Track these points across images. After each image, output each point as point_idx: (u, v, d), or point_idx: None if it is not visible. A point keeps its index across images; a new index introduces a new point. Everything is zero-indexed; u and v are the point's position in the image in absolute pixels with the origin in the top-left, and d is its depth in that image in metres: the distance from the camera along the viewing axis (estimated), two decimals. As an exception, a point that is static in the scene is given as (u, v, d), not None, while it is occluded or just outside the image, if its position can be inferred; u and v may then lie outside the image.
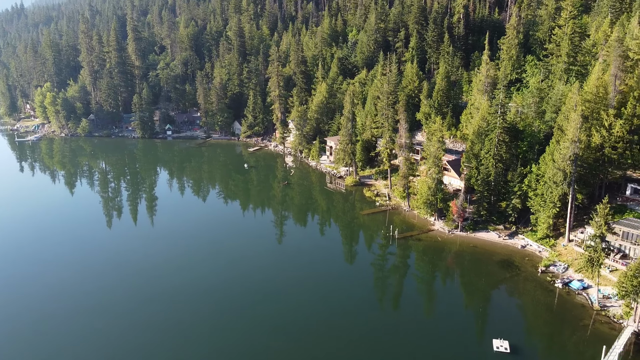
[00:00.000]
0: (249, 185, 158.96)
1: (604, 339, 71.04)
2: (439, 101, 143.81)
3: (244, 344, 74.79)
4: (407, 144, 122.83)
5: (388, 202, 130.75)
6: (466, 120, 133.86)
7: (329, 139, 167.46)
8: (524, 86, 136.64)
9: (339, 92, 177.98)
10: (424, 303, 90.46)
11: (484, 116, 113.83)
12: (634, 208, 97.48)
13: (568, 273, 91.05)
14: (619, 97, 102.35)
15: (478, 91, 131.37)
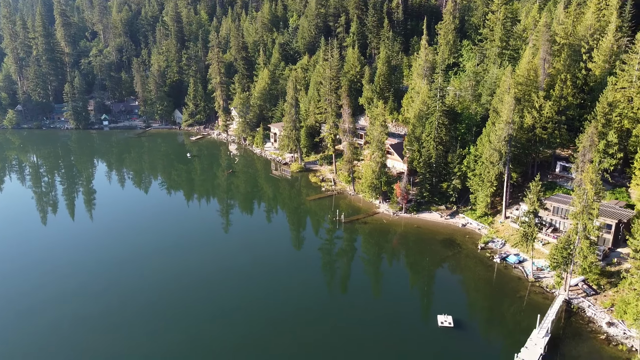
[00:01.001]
0: (193, 174, 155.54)
1: (538, 308, 75.42)
2: (381, 86, 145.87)
3: (193, 336, 73.66)
4: (351, 129, 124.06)
5: (334, 187, 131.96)
6: (407, 104, 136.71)
7: (273, 126, 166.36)
8: (461, 70, 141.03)
9: (282, 78, 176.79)
10: (371, 284, 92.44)
11: (424, 100, 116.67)
12: (563, 184, 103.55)
13: (505, 248, 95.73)
14: (547, 80, 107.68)
15: (418, 75, 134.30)
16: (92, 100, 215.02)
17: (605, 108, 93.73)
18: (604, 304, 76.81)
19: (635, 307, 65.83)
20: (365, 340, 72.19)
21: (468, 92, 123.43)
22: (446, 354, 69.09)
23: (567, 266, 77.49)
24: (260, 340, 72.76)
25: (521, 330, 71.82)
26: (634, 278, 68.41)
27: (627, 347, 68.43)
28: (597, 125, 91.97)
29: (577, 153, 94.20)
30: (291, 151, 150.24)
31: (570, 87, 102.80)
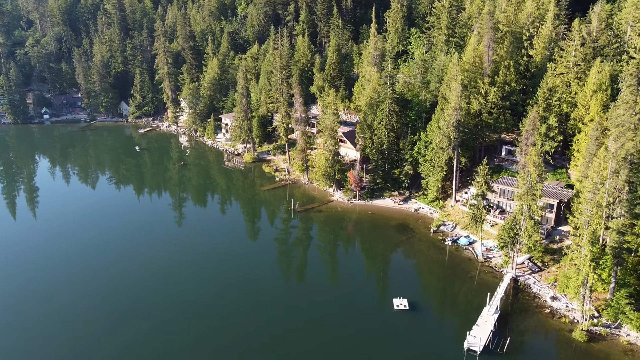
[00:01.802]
0: (143, 168, 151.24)
1: (488, 287, 78.48)
2: (332, 74, 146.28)
3: (148, 331, 72.13)
4: (303, 118, 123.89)
5: (287, 176, 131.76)
6: (358, 92, 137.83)
7: (224, 116, 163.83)
8: (410, 58, 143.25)
9: (232, 67, 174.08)
10: (328, 272, 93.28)
11: (375, 88, 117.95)
12: (509, 167, 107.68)
13: (456, 231, 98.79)
14: (492, 67, 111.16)
15: (368, 63, 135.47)
16: (30, 93, 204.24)
17: (546, 93, 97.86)
18: (548, 280, 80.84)
19: (575, 282, 69.62)
20: (322, 327, 72.94)
21: (417, 80, 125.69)
22: (402, 336, 70.81)
23: (513, 245, 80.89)
24: (217, 333, 72.12)
25: (473, 308, 74.53)
26: (574, 254, 72.24)
27: (569, 320, 72.38)
28: (539, 109, 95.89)
29: (521, 137, 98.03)
30: (243, 142, 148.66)
31: (513, 73, 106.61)
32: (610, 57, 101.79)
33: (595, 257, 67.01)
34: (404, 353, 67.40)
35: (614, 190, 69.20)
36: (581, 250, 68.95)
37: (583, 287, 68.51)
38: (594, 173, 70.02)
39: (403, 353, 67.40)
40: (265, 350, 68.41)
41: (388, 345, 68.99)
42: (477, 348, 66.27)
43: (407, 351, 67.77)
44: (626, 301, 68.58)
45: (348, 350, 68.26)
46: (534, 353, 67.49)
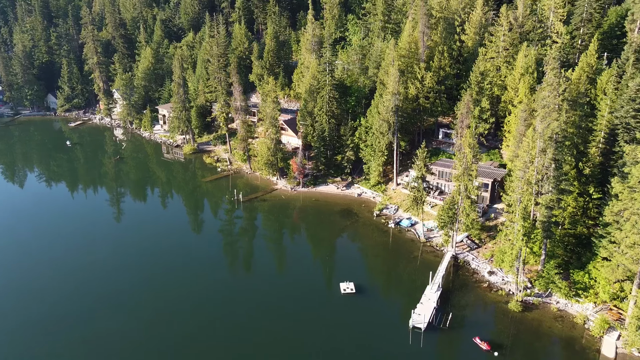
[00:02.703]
0: (76, 164, 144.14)
1: (430, 266, 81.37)
2: (271, 62, 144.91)
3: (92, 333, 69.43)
4: (243, 107, 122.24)
5: (229, 166, 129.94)
6: (298, 80, 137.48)
7: (161, 107, 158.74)
8: (348, 44, 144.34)
9: (166, 56, 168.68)
10: (274, 260, 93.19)
11: (314, 74, 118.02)
12: (446, 150, 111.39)
13: (398, 213, 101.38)
14: (427, 52, 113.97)
15: (307, 50, 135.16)
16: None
17: (478, 77, 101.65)
18: (485, 256, 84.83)
19: (510, 256, 73.49)
20: (270, 316, 72.99)
21: (356, 66, 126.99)
22: (350, 319, 72.18)
23: (452, 225, 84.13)
24: (163, 327, 70.56)
25: (416, 287, 77.03)
26: (508, 230, 76.15)
27: (505, 292, 76.44)
28: (472, 93, 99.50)
29: (456, 120, 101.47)
30: (182, 133, 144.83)
31: (447, 58, 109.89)
32: (536, 42, 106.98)
33: (527, 232, 70.88)
34: (352, 335, 68.78)
35: (541, 168, 73.24)
36: (514, 225, 72.72)
37: (517, 260, 72.41)
38: (524, 152, 73.78)
39: (351, 335, 68.78)
40: (214, 341, 67.66)
41: (336, 329, 70.13)
42: (421, 325, 68.72)
43: (355, 333, 69.21)
44: (555, 271, 73.22)
45: (297, 337, 68.80)
46: (474, 325, 70.74)
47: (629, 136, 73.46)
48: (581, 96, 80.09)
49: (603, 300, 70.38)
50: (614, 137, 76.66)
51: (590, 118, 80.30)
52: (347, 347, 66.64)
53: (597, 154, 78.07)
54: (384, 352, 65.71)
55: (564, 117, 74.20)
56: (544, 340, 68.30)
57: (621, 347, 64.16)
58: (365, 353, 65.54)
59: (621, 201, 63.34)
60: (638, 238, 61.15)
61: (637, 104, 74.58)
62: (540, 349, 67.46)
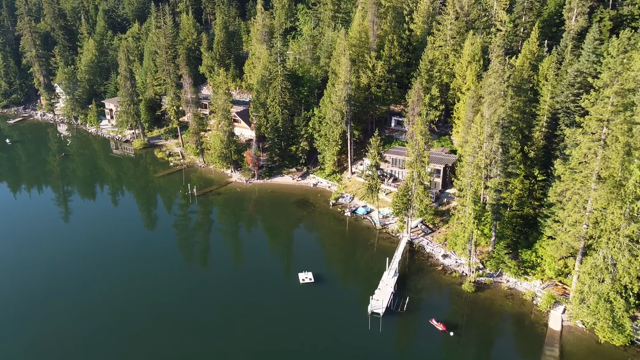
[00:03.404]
0: (17, 163, 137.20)
1: (387, 252, 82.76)
2: (221, 53, 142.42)
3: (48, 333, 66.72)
4: (194, 99, 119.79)
5: (182, 160, 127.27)
6: (249, 71, 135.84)
7: (108, 102, 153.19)
8: (299, 34, 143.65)
9: (111, 48, 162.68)
10: (232, 253, 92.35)
11: (266, 65, 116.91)
12: (399, 137, 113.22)
13: (354, 202, 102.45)
14: (377, 41, 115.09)
15: (257, 41, 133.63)
16: None
17: (427, 65, 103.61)
18: (439, 240, 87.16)
19: (462, 239, 75.79)
20: (229, 308, 72.44)
21: (307, 56, 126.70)
22: (309, 308, 72.63)
23: (407, 211, 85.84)
24: (119, 323, 68.73)
25: (374, 274, 78.25)
26: (460, 214, 78.47)
27: (459, 274, 78.91)
28: (422, 81, 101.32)
29: (408, 108, 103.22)
30: (131, 127, 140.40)
31: (397, 47, 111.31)
32: (481, 30, 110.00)
33: (477, 215, 73.28)
34: (311, 324, 69.30)
35: (490, 152, 75.72)
36: (465, 209, 74.98)
37: (469, 243, 74.79)
38: (473, 138, 76.01)
39: (311, 324, 69.29)
40: (171, 335, 66.49)
41: (296, 318, 70.45)
42: (380, 310, 70.01)
43: (315, 321, 69.76)
44: (505, 251, 76.17)
45: (256, 327, 68.58)
46: (430, 308, 72.72)
47: (569, 120, 76.97)
48: (525, 82, 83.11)
49: (549, 276, 73.88)
50: (556, 121, 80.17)
51: (534, 103, 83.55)
52: (308, 335, 67.11)
53: (540, 137, 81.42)
54: (344, 338, 66.57)
55: (509, 103, 76.89)
56: (496, 318, 71.12)
57: (566, 319, 67.64)
58: (325, 340, 66.19)
59: (563, 182, 66.43)
60: (579, 216, 64.42)
61: (576, 89, 78.20)
62: (492, 326, 70.23)
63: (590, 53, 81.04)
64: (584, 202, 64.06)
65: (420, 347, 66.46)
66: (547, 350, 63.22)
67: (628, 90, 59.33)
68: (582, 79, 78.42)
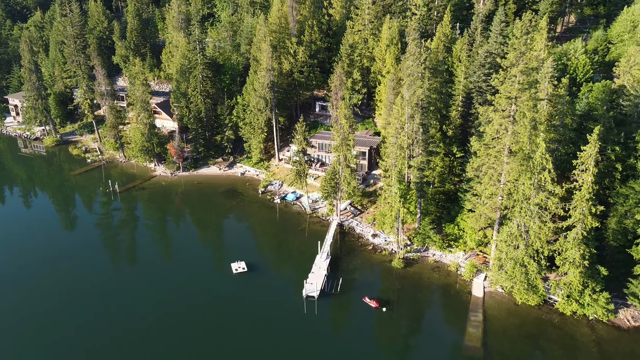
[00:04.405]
0: None
1: (318, 236, 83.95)
2: (135, 42, 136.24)
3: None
4: (109, 91, 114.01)
5: (101, 156, 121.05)
6: (167, 60, 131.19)
7: (12, 97, 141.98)
8: (217, 21, 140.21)
9: (11, 39, 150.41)
10: (160, 248, 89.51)
11: (184, 54, 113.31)
12: (324, 122, 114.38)
13: (283, 188, 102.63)
14: (297, 27, 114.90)
15: (174, 28, 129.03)
16: None
17: (348, 50, 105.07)
18: (368, 220, 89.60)
19: (390, 218, 78.39)
20: (161, 305, 70.52)
21: (227, 43, 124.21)
22: (244, 298, 72.24)
23: (335, 194, 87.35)
24: (44, 332, 64.93)
25: (307, 258, 79.09)
26: (386, 193, 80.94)
27: (388, 252, 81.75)
28: (343, 65, 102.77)
29: (331, 92, 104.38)
30: (41, 124, 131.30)
31: (317, 32, 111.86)
32: (397, 14, 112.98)
33: (403, 194, 76.03)
34: (247, 311, 69.10)
35: (411, 133, 78.52)
36: (391, 189, 77.48)
37: (396, 221, 77.52)
38: (394, 119, 78.39)
39: (247, 311, 69.08)
40: (102, 339, 63.83)
41: (231, 307, 69.94)
42: (314, 293, 71.10)
43: (251, 309, 69.61)
44: (430, 227, 79.78)
45: (191, 320, 67.37)
46: (362, 287, 74.78)
47: (482, 99, 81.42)
48: (440, 64, 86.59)
49: (471, 247, 78.40)
50: (470, 100, 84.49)
51: (449, 84, 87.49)
52: (243, 323, 66.87)
53: (457, 116, 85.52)
54: (280, 323, 67.04)
55: (427, 84, 79.90)
56: (424, 290, 74.58)
57: (488, 286, 72.31)
58: (262, 326, 66.31)
59: (479, 157, 70.42)
60: (495, 189, 68.71)
61: (487, 69, 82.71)
62: (422, 298, 73.60)
63: (498, 35, 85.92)
64: (498, 175, 68.33)
65: (355, 325, 68.34)
66: (471, 316, 67.30)
67: (532, 69, 63.65)
68: (491, 59, 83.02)
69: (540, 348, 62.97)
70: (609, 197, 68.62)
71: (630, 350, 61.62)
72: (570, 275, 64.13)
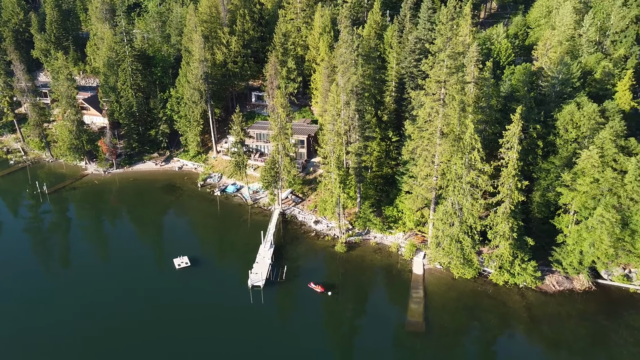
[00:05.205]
0: None
1: (260, 226, 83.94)
2: (56, 34, 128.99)
3: None
4: (30, 88, 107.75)
5: (25, 157, 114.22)
6: (93, 53, 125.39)
7: None
8: (144, 11, 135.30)
9: None
10: (97, 249, 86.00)
11: (111, 46, 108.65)
12: (260, 112, 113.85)
13: (223, 181, 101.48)
14: (229, 16, 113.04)
15: (97, 19, 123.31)
16: None
17: (281, 38, 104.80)
18: (309, 207, 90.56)
19: (331, 204, 79.72)
20: (103, 307, 68.35)
21: (156, 34, 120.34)
22: (189, 293, 71.37)
23: (276, 183, 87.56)
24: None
25: (250, 249, 78.97)
26: (326, 180, 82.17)
27: (331, 237, 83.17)
28: (277, 54, 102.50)
29: (266, 82, 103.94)
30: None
31: (249, 21, 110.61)
32: (329, 2, 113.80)
33: (342, 179, 77.43)
34: (192, 305, 68.39)
35: (348, 119, 79.91)
36: (331, 175, 78.75)
37: (337, 206, 78.91)
38: (330, 107, 79.43)
39: (192, 305, 68.35)
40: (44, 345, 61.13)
41: (176, 302, 68.93)
42: (260, 283, 71.33)
43: (196, 303, 68.94)
44: (370, 210, 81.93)
45: (136, 321, 65.88)
46: (307, 273, 75.69)
47: (413, 83, 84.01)
48: (372, 51, 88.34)
49: (410, 228, 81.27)
50: (403, 86, 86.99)
51: (382, 70, 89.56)
52: (190, 318, 66.17)
53: (391, 102, 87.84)
54: (227, 315, 66.93)
55: (361, 71, 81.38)
56: (367, 272, 76.70)
57: (427, 263, 75.42)
58: (208, 320, 65.91)
59: (413, 140, 72.88)
60: (429, 170, 71.51)
61: (417, 55, 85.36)
62: (365, 280, 75.71)
63: (426, 21, 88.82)
64: (432, 156, 71.12)
65: (302, 311, 69.34)
66: (413, 293, 70.07)
67: (458, 54, 66.47)
68: (421, 45, 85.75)
69: (477, 318, 66.73)
70: (532, 172, 73.23)
71: (557, 312, 66.60)
72: (501, 248, 68.17)
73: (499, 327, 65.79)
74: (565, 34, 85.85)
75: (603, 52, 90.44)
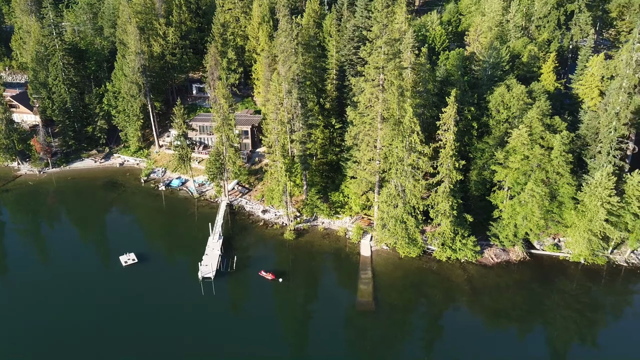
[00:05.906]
0: None
1: (208, 218, 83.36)
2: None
3: None
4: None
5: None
6: (19, 47, 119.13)
7: None
8: (74, 3, 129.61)
9: None
10: (36, 253, 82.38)
11: (39, 40, 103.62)
12: (202, 104, 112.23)
13: (167, 175, 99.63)
14: (165, 7, 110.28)
15: (22, 12, 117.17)
16: None
17: (220, 29, 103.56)
18: (257, 197, 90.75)
19: (278, 192, 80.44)
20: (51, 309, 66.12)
21: (88, 27, 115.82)
22: (136, 287, 70.21)
23: (222, 175, 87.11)
24: None
25: (199, 241, 78.37)
26: (272, 169, 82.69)
27: (279, 225, 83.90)
28: (217, 45, 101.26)
29: (207, 73, 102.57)
30: None
31: (186, 12, 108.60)
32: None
33: (288, 168, 78.17)
34: (143, 303, 67.46)
35: (290, 108, 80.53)
36: (277, 164, 79.28)
37: (284, 195, 79.73)
38: (273, 96, 79.76)
39: (142, 303, 67.42)
40: None
41: (124, 299, 67.69)
42: (210, 274, 71.19)
43: (146, 299, 68.00)
44: (317, 197, 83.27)
45: (85, 322, 64.18)
46: (257, 262, 76.22)
47: (353, 70, 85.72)
48: (312, 39, 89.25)
49: (356, 212, 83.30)
50: (343, 73, 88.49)
51: (323, 58, 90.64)
52: (140, 312, 65.51)
53: (332, 89, 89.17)
54: (178, 308, 66.43)
55: (301, 59, 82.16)
56: (317, 257, 78.18)
57: (374, 245, 77.75)
58: (160, 315, 65.24)
59: (356, 126, 74.63)
60: (372, 154, 73.56)
61: (355, 42, 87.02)
62: (315, 265, 77.19)
63: (363, 9, 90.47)
64: (374, 141, 73.14)
65: (254, 300, 69.93)
66: (362, 274, 72.18)
67: (395, 40, 68.51)
68: (359, 32, 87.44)
69: (424, 294, 69.84)
70: (469, 152, 76.89)
71: (495, 283, 70.74)
72: (443, 226, 71.41)
73: (444, 301, 69.15)
74: (494, 20, 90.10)
75: (529, 36, 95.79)
